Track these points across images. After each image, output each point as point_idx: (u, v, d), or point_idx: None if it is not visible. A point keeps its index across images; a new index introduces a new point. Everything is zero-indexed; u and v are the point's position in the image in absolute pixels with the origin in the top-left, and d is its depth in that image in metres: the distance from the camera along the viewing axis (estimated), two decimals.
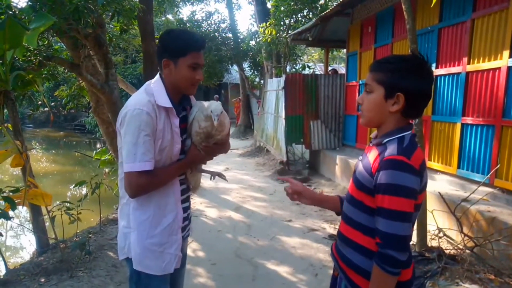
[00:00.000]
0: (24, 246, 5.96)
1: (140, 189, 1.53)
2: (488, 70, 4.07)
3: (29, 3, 3.44)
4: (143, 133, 1.49)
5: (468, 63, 4.33)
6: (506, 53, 3.79)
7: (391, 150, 1.20)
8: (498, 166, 3.88)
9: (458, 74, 4.51)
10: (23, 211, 6.86)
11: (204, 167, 1.93)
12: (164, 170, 1.61)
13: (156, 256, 1.63)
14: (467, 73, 4.35)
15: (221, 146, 1.72)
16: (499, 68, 3.90)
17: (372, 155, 1.28)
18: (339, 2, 6.73)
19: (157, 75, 1.66)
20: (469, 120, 4.33)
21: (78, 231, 4.38)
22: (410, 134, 1.26)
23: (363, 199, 1.28)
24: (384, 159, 1.19)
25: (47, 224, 4.39)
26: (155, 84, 1.62)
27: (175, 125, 1.61)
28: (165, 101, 1.57)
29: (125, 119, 1.51)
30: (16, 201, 3.11)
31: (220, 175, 1.88)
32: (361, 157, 1.40)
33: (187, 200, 1.79)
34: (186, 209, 1.77)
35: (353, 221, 1.32)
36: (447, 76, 4.72)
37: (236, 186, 6.97)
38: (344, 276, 1.36)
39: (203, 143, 1.64)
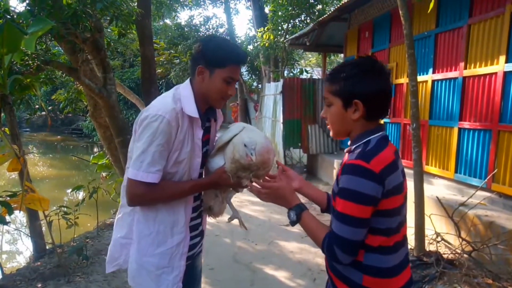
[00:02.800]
0: (21, 251, 5.92)
1: (134, 199, 1.44)
2: (484, 75, 4.09)
3: (28, 7, 3.44)
4: (157, 142, 1.38)
5: (465, 68, 4.35)
6: (502, 58, 3.82)
7: (354, 155, 1.20)
8: (496, 170, 3.90)
9: (455, 79, 4.54)
10: (19, 216, 6.83)
11: None
12: (174, 185, 1.48)
13: (151, 277, 1.50)
14: (464, 78, 4.38)
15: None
16: (495, 73, 3.92)
17: (343, 164, 1.28)
18: (336, 7, 6.77)
19: (187, 80, 1.56)
20: (466, 124, 4.35)
21: (75, 236, 4.36)
22: (378, 137, 1.24)
23: None
24: (345, 163, 1.20)
25: (44, 228, 4.37)
26: (184, 89, 1.52)
27: (197, 137, 1.51)
28: (192, 110, 1.47)
29: (144, 122, 1.40)
30: (13, 206, 3.09)
31: (241, 222, 1.73)
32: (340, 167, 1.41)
33: (199, 216, 1.67)
34: (198, 226, 1.67)
35: None
36: (444, 81, 4.74)
37: None
38: (331, 282, 1.36)
39: (238, 172, 1.50)
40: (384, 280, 1.22)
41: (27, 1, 3.44)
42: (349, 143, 1.34)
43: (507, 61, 3.78)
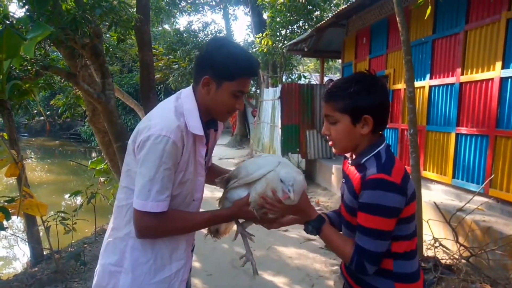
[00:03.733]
0: (18, 256, 5.88)
1: (144, 231, 1.29)
2: (481, 81, 4.12)
3: (27, 13, 3.46)
4: (163, 166, 1.24)
5: (462, 74, 4.38)
6: (498, 64, 3.85)
7: (371, 169, 1.20)
8: (493, 176, 3.91)
9: (452, 84, 4.57)
10: (17, 221, 6.80)
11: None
12: (189, 216, 1.36)
13: None
14: (461, 84, 4.41)
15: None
16: (492, 79, 3.95)
17: (354, 178, 1.27)
18: (334, 13, 6.82)
19: (190, 89, 1.40)
20: (463, 130, 4.37)
21: (73, 241, 4.35)
22: (384, 147, 1.26)
23: None
24: (366, 179, 1.19)
25: (42, 234, 4.36)
26: (187, 101, 1.35)
27: (200, 155, 1.37)
28: (197, 128, 1.32)
29: (146, 144, 1.24)
30: (11, 211, 3.08)
31: (254, 267, 1.57)
32: (344, 179, 1.39)
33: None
34: (192, 241, 1.57)
35: None
36: (441, 87, 4.77)
37: None
38: None
39: (263, 210, 1.37)
40: (414, 285, 1.26)
41: (27, 7, 3.46)
42: (348, 155, 1.35)
43: (503, 67, 3.81)
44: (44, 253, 4.34)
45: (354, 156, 1.33)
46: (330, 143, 1.33)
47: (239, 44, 1.54)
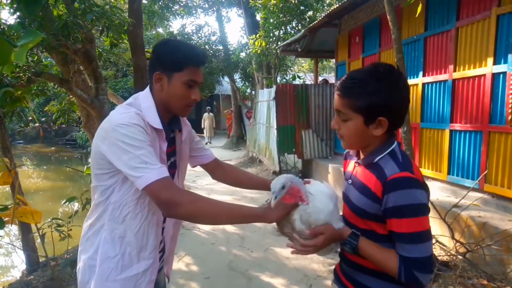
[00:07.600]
0: (14, 264, 5.84)
1: (169, 203, 1.20)
2: (474, 77, 4.14)
3: (18, 19, 3.45)
4: (144, 143, 1.23)
5: (454, 70, 4.40)
6: (490, 60, 3.87)
7: (390, 168, 1.10)
8: (487, 171, 3.93)
9: (445, 81, 4.59)
10: (14, 229, 6.75)
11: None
12: (213, 201, 1.28)
13: None
14: (454, 80, 4.43)
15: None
16: (484, 75, 3.97)
17: (366, 178, 1.17)
18: (326, 13, 6.84)
19: (147, 89, 1.42)
20: (457, 126, 4.39)
21: (69, 248, 4.31)
22: (398, 145, 1.17)
23: (373, 228, 1.17)
24: (388, 179, 1.09)
25: (38, 241, 4.33)
26: (144, 99, 1.37)
27: (162, 151, 1.37)
28: (156, 122, 1.33)
29: (112, 135, 1.23)
30: (4, 220, 3.06)
31: None
32: (349, 180, 1.29)
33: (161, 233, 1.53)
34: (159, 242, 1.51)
35: None
36: (434, 84, 4.79)
37: (229, 197, 6.95)
38: None
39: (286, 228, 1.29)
40: None
41: (18, 13, 3.44)
42: (352, 152, 1.29)
43: (494, 63, 3.83)
44: (40, 260, 4.31)
45: (362, 155, 1.24)
46: (338, 135, 1.23)
47: (184, 40, 1.55)
